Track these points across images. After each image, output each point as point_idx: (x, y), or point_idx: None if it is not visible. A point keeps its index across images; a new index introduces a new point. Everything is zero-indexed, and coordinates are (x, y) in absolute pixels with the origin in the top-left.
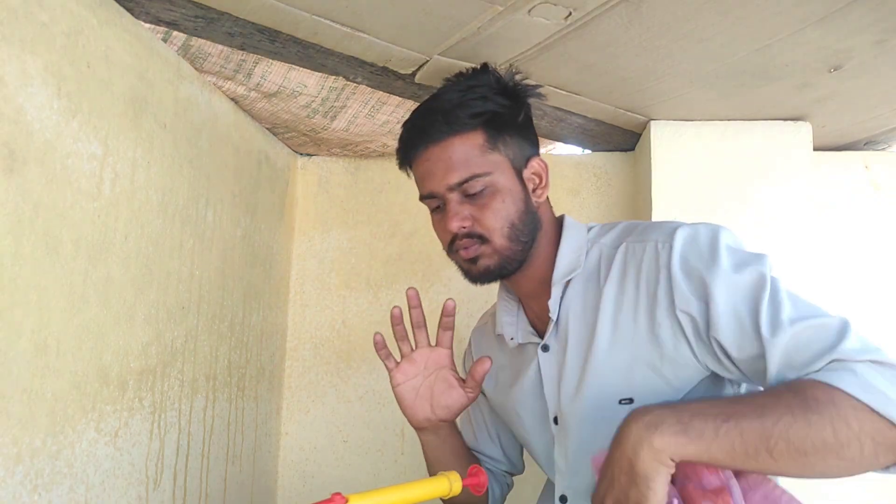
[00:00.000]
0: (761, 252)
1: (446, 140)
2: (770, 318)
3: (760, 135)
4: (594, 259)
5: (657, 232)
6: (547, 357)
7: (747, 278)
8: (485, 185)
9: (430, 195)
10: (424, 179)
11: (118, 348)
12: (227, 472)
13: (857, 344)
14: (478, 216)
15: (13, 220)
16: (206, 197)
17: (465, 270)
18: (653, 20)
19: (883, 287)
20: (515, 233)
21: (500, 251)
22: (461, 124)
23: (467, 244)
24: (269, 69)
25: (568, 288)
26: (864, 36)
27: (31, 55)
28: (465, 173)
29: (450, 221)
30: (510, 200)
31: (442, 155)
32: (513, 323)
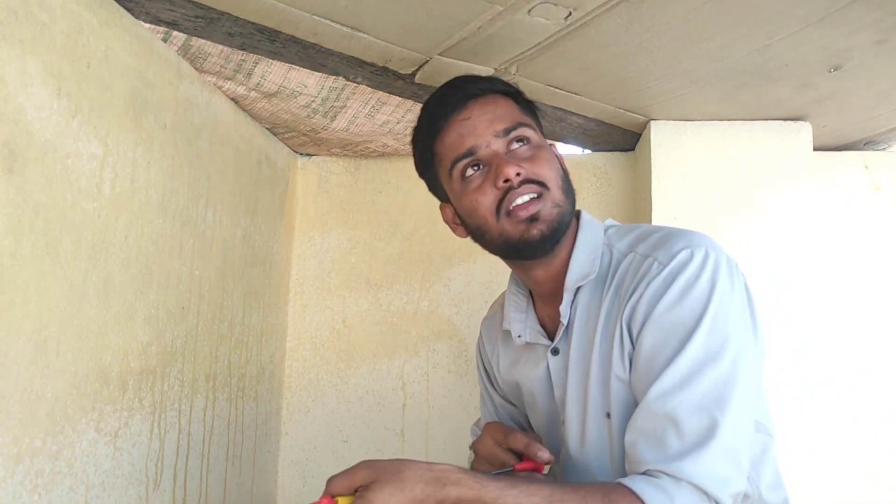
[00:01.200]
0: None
1: (488, 96)
2: (669, 385)
3: (760, 135)
4: (605, 264)
5: (664, 248)
6: (556, 360)
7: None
8: (530, 137)
9: (470, 151)
10: (463, 136)
11: (118, 348)
12: (227, 472)
13: (705, 467)
14: (529, 166)
15: (13, 220)
16: (206, 197)
17: (521, 234)
18: (653, 20)
19: (883, 287)
20: (567, 188)
21: (558, 203)
22: (499, 86)
23: (525, 196)
24: (269, 69)
25: (580, 292)
26: (864, 36)
27: (31, 55)
28: (512, 121)
29: (505, 167)
30: (554, 158)
31: (485, 108)
32: (521, 320)
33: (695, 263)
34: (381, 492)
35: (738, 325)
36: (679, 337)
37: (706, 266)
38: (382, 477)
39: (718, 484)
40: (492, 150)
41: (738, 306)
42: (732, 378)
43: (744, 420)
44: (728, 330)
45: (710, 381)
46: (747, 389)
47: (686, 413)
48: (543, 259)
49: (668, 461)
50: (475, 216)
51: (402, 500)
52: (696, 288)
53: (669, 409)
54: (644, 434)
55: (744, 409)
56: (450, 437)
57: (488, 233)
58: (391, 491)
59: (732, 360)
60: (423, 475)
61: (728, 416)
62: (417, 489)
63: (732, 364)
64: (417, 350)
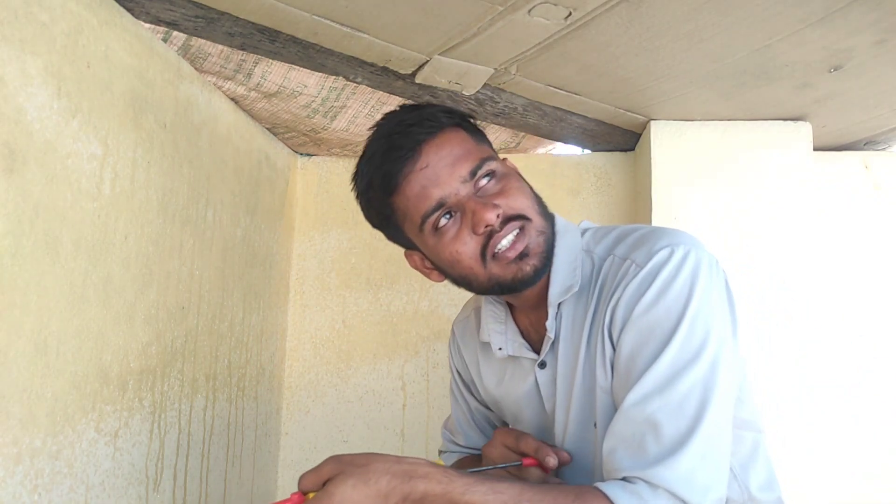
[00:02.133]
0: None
1: (439, 135)
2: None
3: (760, 135)
4: (587, 272)
5: (642, 249)
6: (545, 373)
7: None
8: (495, 170)
9: (440, 204)
10: (427, 189)
11: (118, 348)
12: (227, 472)
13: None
14: (503, 201)
15: (13, 220)
16: (206, 197)
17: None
18: (653, 20)
19: (883, 287)
20: (542, 209)
21: (542, 230)
22: (444, 119)
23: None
24: (269, 69)
25: (563, 303)
26: (864, 36)
27: (31, 55)
28: (475, 159)
29: (483, 212)
30: (522, 182)
31: (441, 151)
32: (501, 332)
33: (673, 262)
34: (343, 484)
35: (718, 324)
36: (658, 339)
37: (685, 264)
38: (347, 469)
39: (697, 491)
40: (461, 196)
41: (719, 305)
42: (712, 380)
43: (723, 423)
44: (708, 329)
45: (690, 383)
46: (727, 390)
47: (666, 417)
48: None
49: (645, 467)
50: (459, 267)
51: (365, 492)
52: (674, 287)
53: (649, 413)
54: (623, 440)
55: (723, 411)
56: None
57: (476, 280)
58: (354, 483)
59: (712, 360)
60: (390, 468)
61: (707, 420)
62: (383, 482)
63: (712, 365)
64: (417, 350)
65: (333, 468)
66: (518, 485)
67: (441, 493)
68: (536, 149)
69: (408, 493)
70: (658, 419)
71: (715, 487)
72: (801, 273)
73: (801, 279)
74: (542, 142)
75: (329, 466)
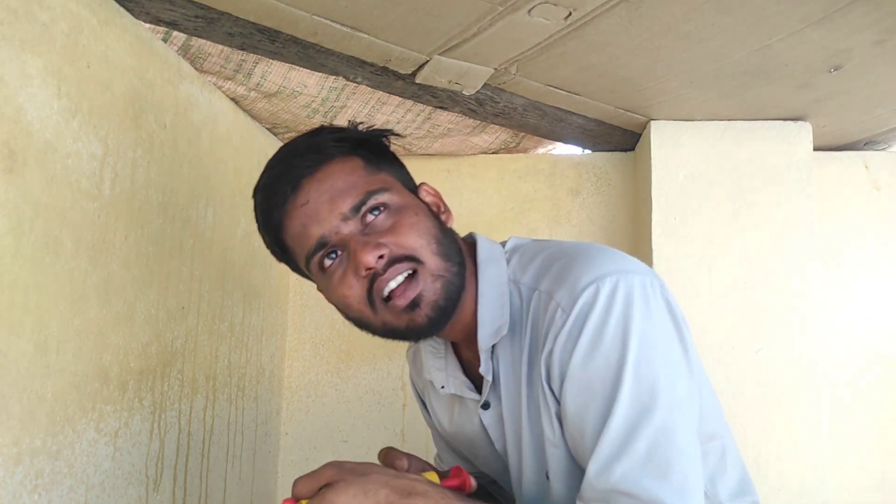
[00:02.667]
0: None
1: (321, 169)
2: (605, 456)
3: (760, 135)
4: (516, 308)
5: (567, 285)
6: (489, 414)
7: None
8: (386, 202)
9: (321, 244)
10: (307, 227)
11: (118, 348)
12: (227, 472)
13: None
14: (393, 239)
15: (13, 220)
16: (206, 197)
17: (407, 324)
18: (653, 20)
19: (883, 287)
20: (444, 249)
21: (439, 274)
22: (331, 150)
23: (399, 278)
24: (269, 69)
25: (497, 344)
26: (864, 36)
27: (31, 55)
28: (359, 194)
29: (362, 254)
30: (422, 214)
31: (322, 186)
32: (441, 368)
33: (600, 303)
34: (344, 493)
35: (666, 358)
36: (602, 397)
37: (614, 302)
38: (347, 478)
39: None
40: (343, 234)
41: (662, 335)
42: (671, 427)
43: (694, 471)
44: (654, 372)
45: (648, 439)
46: (689, 431)
47: (632, 485)
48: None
49: None
50: (349, 311)
51: (364, 503)
52: (606, 334)
53: (612, 484)
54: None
55: (691, 457)
56: None
57: (370, 325)
58: (354, 493)
59: (667, 405)
60: (390, 482)
61: (675, 471)
62: (381, 495)
63: (668, 410)
64: None
65: (333, 475)
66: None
67: None
68: (536, 149)
69: None
70: (626, 488)
71: None
72: (801, 273)
73: (800, 279)
74: (542, 142)
75: (328, 472)
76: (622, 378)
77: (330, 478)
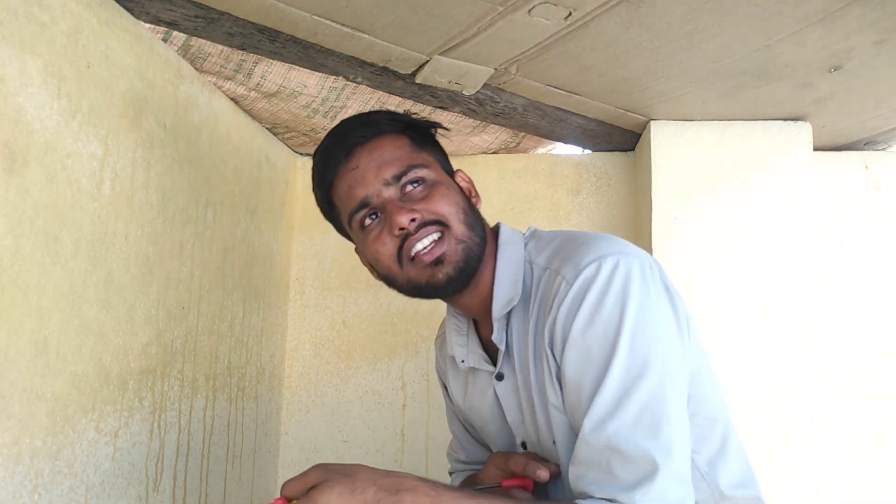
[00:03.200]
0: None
1: (373, 141)
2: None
3: (760, 135)
4: (528, 283)
5: (572, 262)
6: (503, 385)
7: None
8: (424, 177)
9: (363, 203)
10: (354, 188)
11: (118, 348)
12: (227, 472)
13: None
14: (425, 206)
15: (13, 220)
16: (206, 197)
17: (428, 279)
18: (653, 20)
19: (883, 287)
20: (469, 220)
21: (462, 239)
22: (384, 127)
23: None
24: (269, 69)
25: (511, 315)
26: (864, 36)
27: (31, 55)
28: (402, 165)
29: (398, 215)
30: (454, 190)
31: (372, 156)
32: (463, 344)
33: (601, 277)
34: (329, 492)
35: (660, 334)
36: (598, 362)
37: (614, 278)
38: (333, 477)
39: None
40: (384, 198)
41: (658, 312)
42: (661, 394)
43: (681, 435)
44: (648, 343)
45: (640, 402)
46: (679, 397)
47: (624, 440)
48: (464, 290)
49: (619, 491)
50: (380, 266)
51: (350, 502)
52: (605, 305)
53: (605, 439)
54: (589, 467)
55: (679, 423)
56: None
57: (396, 280)
58: (340, 492)
59: (658, 374)
60: (377, 480)
61: (664, 433)
62: (369, 493)
63: (659, 378)
64: (417, 350)
65: (319, 475)
66: (506, 500)
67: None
68: (536, 149)
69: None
70: (617, 444)
71: (686, 498)
72: (801, 273)
73: (800, 279)
74: (542, 142)
75: (315, 473)
76: (618, 345)
77: (317, 479)
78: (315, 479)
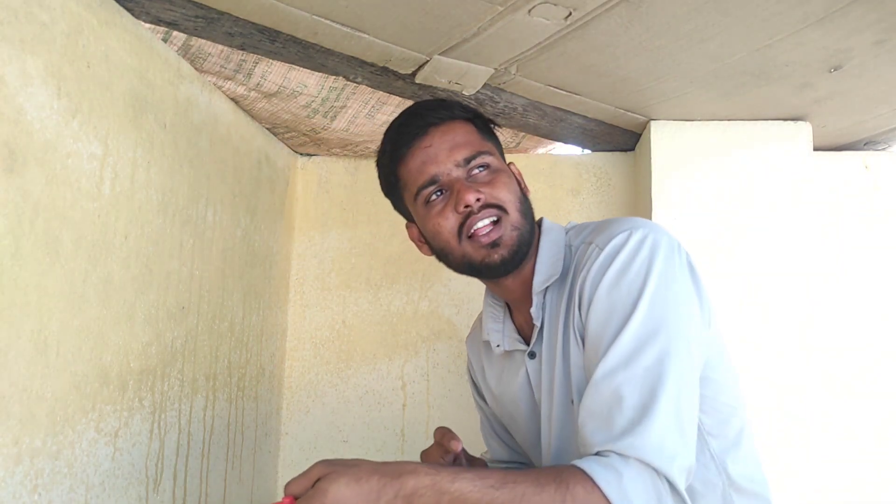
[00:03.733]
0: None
1: (447, 123)
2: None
3: (760, 135)
4: (567, 263)
5: (606, 233)
6: (534, 363)
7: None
8: (489, 163)
9: (433, 180)
10: (426, 164)
11: (118, 348)
12: (227, 472)
13: (650, 440)
14: (489, 190)
15: (13, 220)
16: (206, 197)
17: (483, 258)
18: (653, 20)
19: (883, 287)
20: (524, 209)
21: (517, 226)
22: (457, 112)
23: (485, 220)
24: (269, 69)
25: (547, 293)
26: (864, 36)
27: (31, 55)
28: (472, 150)
29: (465, 193)
30: (512, 180)
31: (445, 136)
32: (499, 330)
33: (630, 245)
34: (336, 482)
35: (680, 301)
36: (619, 317)
37: (643, 247)
38: (338, 469)
39: (666, 459)
40: (452, 177)
41: (680, 284)
42: (672, 353)
43: (686, 395)
44: (667, 307)
45: (651, 357)
46: (689, 363)
47: (629, 389)
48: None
49: (615, 440)
50: (438, 239)
51: (357, 490)
52: (631, 268)
53: (614, 386)
54: (591, 414)
55: (687, 383)
56: None
57: (451, 254)
58: (346, 482)
59: (673, 336)
60: (378, 468)
61: (669, 391)
62: (373, 480)
63: (674, 340)
64: (417, 350)
65: (323, 468)
66: (502, 471)
67: (430, 485)
68: (536, 149)
69: (398, 489)
70: (622, 392)
71: (682, 454)
72: (801, 273)
73: (800, 279)
74: (542, 142)
75: (318, 468)
76: (639, 304)
77: (321, 472)
78: (319, 472)
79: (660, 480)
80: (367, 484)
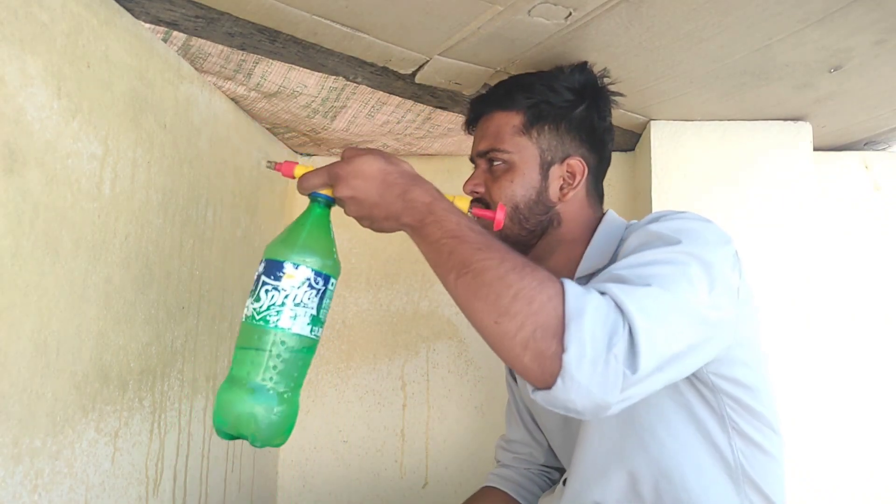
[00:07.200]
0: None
1: (491, 113)
2: (628, 263)
3: (760, 135)
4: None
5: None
6: None
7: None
8: (501, 161)
9: (470, 159)
10: (473, 142)
11: (118, 348)
12: (227, 472)
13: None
14: (490, 187)
15: (13, 220)
16: (206, 197)
17: None
18: (653, 20)
19: (883, 287)
20: (518, 215)
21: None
22: (509, 101)
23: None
24: (269, 69)
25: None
26: (864, 36)
27: (31, 55)
28: (488, 145)
29: (469, 183)
30: (520, 183)
31: (483, 125)
32: None
33: (675, 215)
34: (364, 155)
35: (712, 255)
36: (651, 244)
37: (690, 216)
38: (373, 151)
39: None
40: (476, 162)
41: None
42: (683, 273)
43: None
44: (699, 249)
45: (660, 268)
46: (696, 296)
47: (630, 274)
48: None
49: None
50: None
51: (379, 166)
52: (675, 222)
53: (616, 273)
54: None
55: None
56: (450, 436)
57: None
58: (376, 157)
59: (696, 265)
60: (404, 167)
61: (667, 293)
62: (405, 165)
63: (695, 268)
64: (417, 350)
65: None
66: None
67: (427, 202)
68: None
69: (407, 188)
70: (623, 275)
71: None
72: (801, 274)
73: (800, 280)
74: None
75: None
76: (670, 239)
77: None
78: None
79: (622, 326)
80: (396, 165)
